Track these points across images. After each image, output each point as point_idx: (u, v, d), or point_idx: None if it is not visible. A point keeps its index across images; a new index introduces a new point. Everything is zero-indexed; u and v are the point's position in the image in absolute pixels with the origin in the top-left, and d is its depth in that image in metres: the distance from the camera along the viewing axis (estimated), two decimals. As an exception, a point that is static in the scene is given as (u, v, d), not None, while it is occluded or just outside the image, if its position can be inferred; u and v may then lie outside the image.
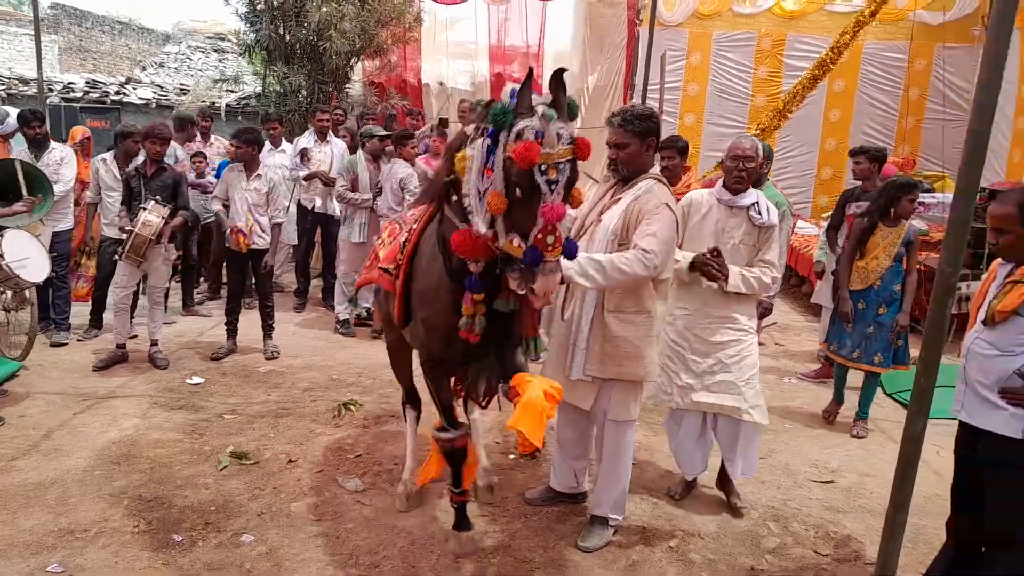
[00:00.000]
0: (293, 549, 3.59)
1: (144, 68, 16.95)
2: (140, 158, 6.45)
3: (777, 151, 9.91)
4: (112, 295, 6.13)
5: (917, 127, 11.48)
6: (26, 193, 5.91)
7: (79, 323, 6.83)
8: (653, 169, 3.63)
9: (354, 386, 5.77)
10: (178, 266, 7.33)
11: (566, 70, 2.81)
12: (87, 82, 12.61)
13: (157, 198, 5.81)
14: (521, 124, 2.65)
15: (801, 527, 3.97)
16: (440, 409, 3.48)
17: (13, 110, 6.76)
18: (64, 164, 6.49)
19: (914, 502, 4.15)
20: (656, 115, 3.61)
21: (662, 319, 3.61)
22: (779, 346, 7.24)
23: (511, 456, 4.67)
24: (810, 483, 4.48)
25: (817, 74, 9.81)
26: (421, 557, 3.56)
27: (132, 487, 4.08)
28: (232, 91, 12.54)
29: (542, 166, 2.60)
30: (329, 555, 3.55)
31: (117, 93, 12.22)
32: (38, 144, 6.44)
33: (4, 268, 5.27)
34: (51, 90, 11.39)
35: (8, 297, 5.82)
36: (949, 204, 3.17)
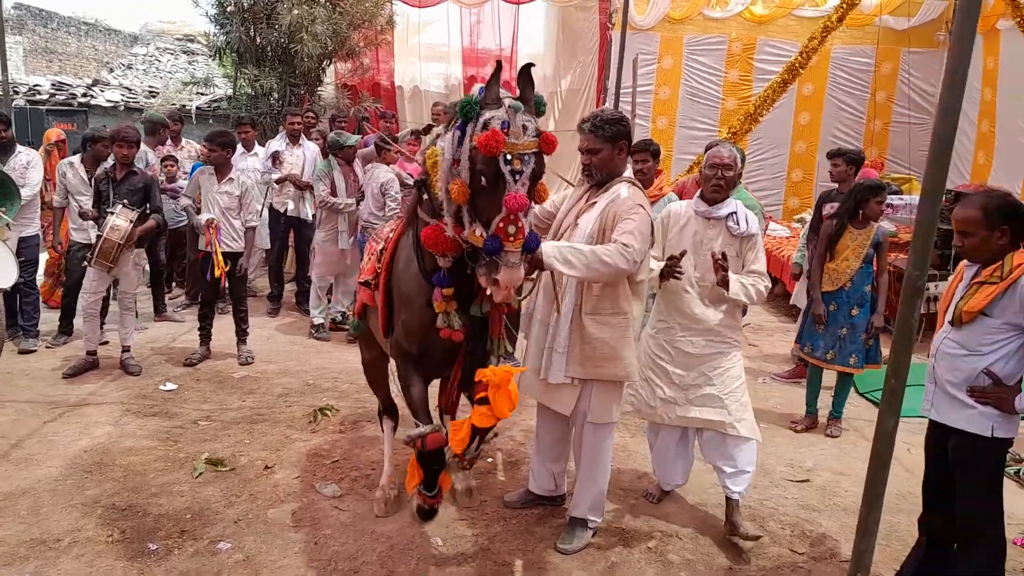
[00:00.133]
0: (271, 556, 3.56)
1: (112, 70, 16.69)
2: (110, 162, 6.38)
3: (748, 154, 10.03)
4: (81, 301, 6.04)
5: (885, 130, 11.67)
6: None
7: (47, 329, 6.73)
8: (626, 172, 3.66)
9: (330, 391, 5.74)
10: (146, 270, 7.24)
11: (533, 65, 2.86)
12: (53, 84, 12.41)
13: (125, 202, 5.74)
14: (488, 114, 2.70)
15: (777, 526, 4.02)
16: (413, 405, 3.39)
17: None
18: (31, 168, 6.39)
19: (887, 500, 4.22)
20: (627, 119, 3.64)
21: (639, 320, 3.63)
22: (753, 347, 7.31)
23: (489, 460, 4.68)
24: (786, 482, 4.54)
25: (787, 78, 9.95)
26: (400, 562, 3.55)
27: (105, 496, 4.03)
28: (203, 94, 12.40)
29: (507, 155, 2.64)
30: (307, 562, 3.53)
31: (84, 95, 12.05)
32: (4, 148, 6.33)
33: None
34: (16, 92, 11.19)
35: None
36: (916, 206, 3.24)
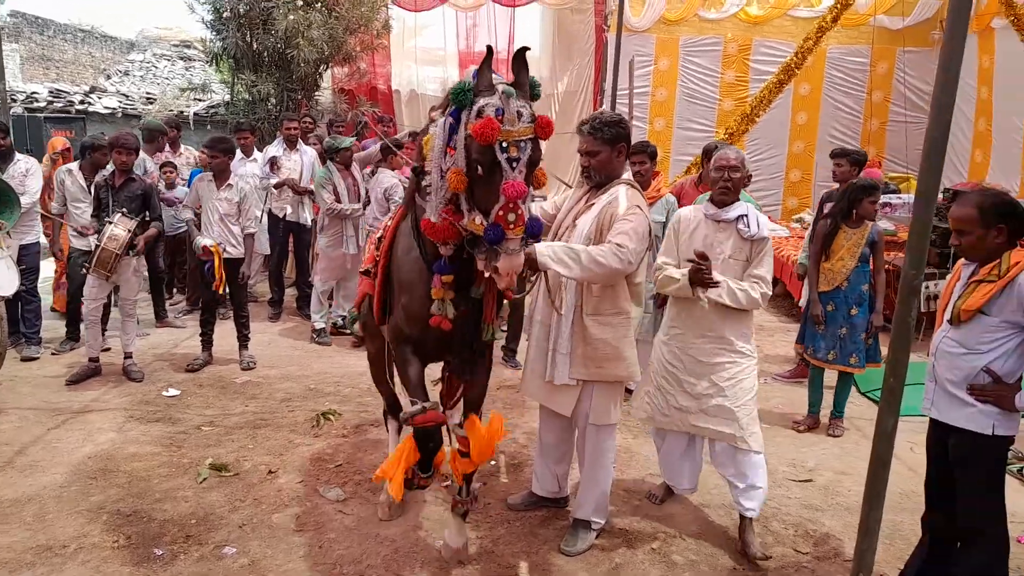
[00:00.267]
0: (276, 560, 3.58)
1: (109, 77, 16.71)
2: (108, 169, 6.39)
3: (746, 154, 10.03)
4: (83, 308, 6.05)
5: (882, 129, 11.72)
6: None
7: (51, 336, 6.75)
8: (625, 174, 3.68)
9: (332, 395, 5.76)
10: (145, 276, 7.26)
11: (528, 48, 2.85)
12: (51, 91, 12.44)
13: (124, 211, 5.75)
14: (482, 102, 2.70)
15: (781, 526, 4.03)
16: (408, 383, 3.42)
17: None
18: (30, 175, 6.38)
19: (890, 499, 4.25)
20: (625, 121, 3.67)
21: (636, 321, 3.65)
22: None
23: (492, 462, 4.70)
24: (788, 482, 4.56)
25: (783, 78, 9.99)
26: (404, 565, 3.56)
27: (110, 502, 4.05)
28: (200, 100, 12.42)
29: (503, 143, 2.64)
30: (312, 565, 3.54)
31: (82, 102, 12.07)
32: (2, 156, 6.31)
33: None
34: (14, 100, 11.22)
35: None
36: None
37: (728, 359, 3.69)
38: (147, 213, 5.93)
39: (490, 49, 2.79)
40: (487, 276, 2.86)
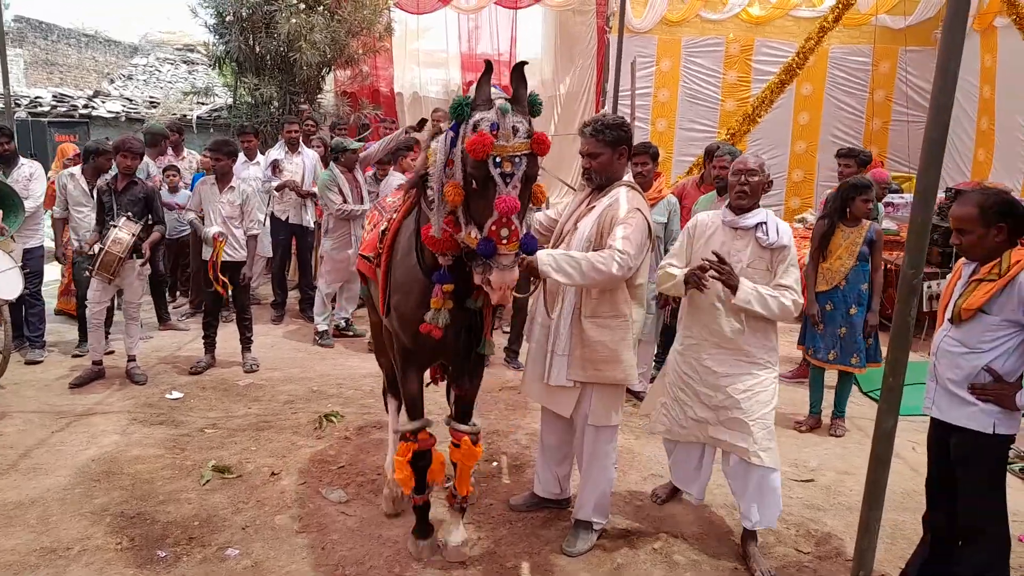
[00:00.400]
0: (279, 562, 3.59)
1: (112, 81, 16.78)
2: (111, 172, 6.42)
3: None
4: (87, 311, 6.07)
5: (884, 129, 11.70)
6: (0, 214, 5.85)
7: (55, 340, 6.78)
8: (626, 177, 3.69)
9: (335, 397, 5.77)
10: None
11: (526, 63, 2.88)
12: (54, 96, 12.48)
13: (128, 214, 5.78)
14: (477, 116, 2.73)
15: (783, 526, 4.02)
16: (407, 400, 3.54)
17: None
18: (34, 179, 6.42)
19: (892, 498, 4.26)
20: (627, 124, 3.67)
21: (639, 324, 3.64)
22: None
23: (494, 463, 4.70)
24: (791, 482, 4.55)
25: (784, 79, 10.00)
26: (407, 566, 3.57)
27: (114, 504, 4.06)
28: (203, 103, 12.47)
29: (496, 158, 2.67)
30: (315, 567, 3.55)
31: (85, 107, 12.12)
32: (7, 160, 6.35)
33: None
34: (18, 105, 11.26)
35: None
36: None
37: (744, 370, 3.57)
38: (149, 217, 5.95)
39: (489, 64, 2.81)
40: (482, 285, 2.89)
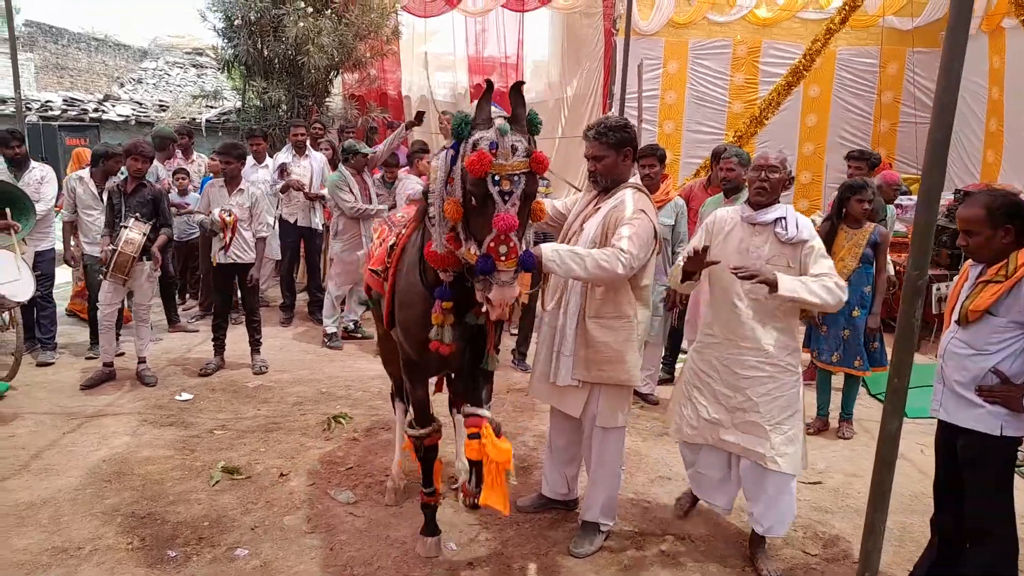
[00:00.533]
0: (287, 562, 3.61)
1: (122, 85, 16.88)
2: (121, 175, 6.46)
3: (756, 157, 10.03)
4: (98, 313, 6.11)
5: (892, 130, 11.65)
6: (9, 214, 5.90)
7: (66, 342, 6.82)
8: (632, 179, 3.69)
9: (343, 399, 5.79)
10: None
11: (523, 83, 2.93)
12: (65, 100, 12.54)
13: (137, 215, 5.82)
14: (477, 135, 2.78)
15: (790, 528, 4.02)
16: (414, 407, 3.63)
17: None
18: (45, 183, 6.46)
19: (900, 501, 4.27)
20: (631, 126, 3.68)
21: (644, 325, 3.64)
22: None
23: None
24: (798, 484, 4.52)
25: (791, 81, 9.97)
26: (415, 567, 3.59)
27: (124, 504, 4.09)
28: (212, 107, 12.50)
29: (495, 176, 2.71)
30: (323, 567, 3.57)
31: (96, 110, 12.16)
32: (18, 164, 6.40)
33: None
34: (29, 109, 11.33)
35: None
36: None
37: (766, 373, 3.49)
38: (156, 219, 5.99)
39: (490, 84, 2.86)
40: (484, 309, 2.92)
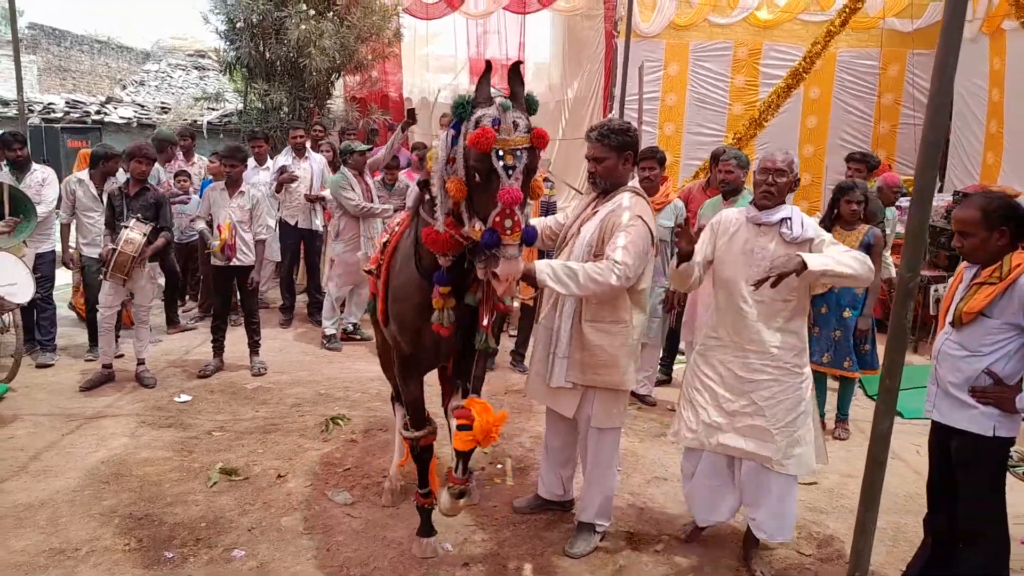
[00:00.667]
0: (284, 563, 3.63)
1: (124, 87, 16.91)
2: (119, 176, 6.49)
3: (755, 159, 10.02)
4: (97, 315, 6.12)
5: (892, 132, 11.65)
6: (7, 211, 5.92)
7: (66, 343, 6.85)
8: (632, 182, 3.70)
9: (342, 400, 5.81)
10: (160, 284, 7.35)
11: (522, 63, 2.97)
12: (67, 102, 12.59)
13: (139, 216, 5.84)
14: (479, 113, 2.82)
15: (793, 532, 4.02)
16: (409, 408, 3.62)
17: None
18: (46, 185, 6.48)
19: (895, 501, 4.28)
20: (633, 129, 3.69)
21: (639, 329, 3.65)
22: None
23: (499, 466, 4.73)
24: (793, 485, 4.55)
25: (791, 83, 9.97)
26: (411, 567, 3.60)
27: (122, 505, 4.11)
28: (213, 109, 12.54)
29: (499, 151, 2.74)
30: (320, 568, 3.59)
31: (98, 113, 12.21)
32: (20, 166, 6.42)
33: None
34: (31, 111, 11.37)
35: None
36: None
37: (771, 376, 3.43)
38: (157, 222, 6.00)
39: (489, 64, 2.90)
40: (483, 284, 2.96)
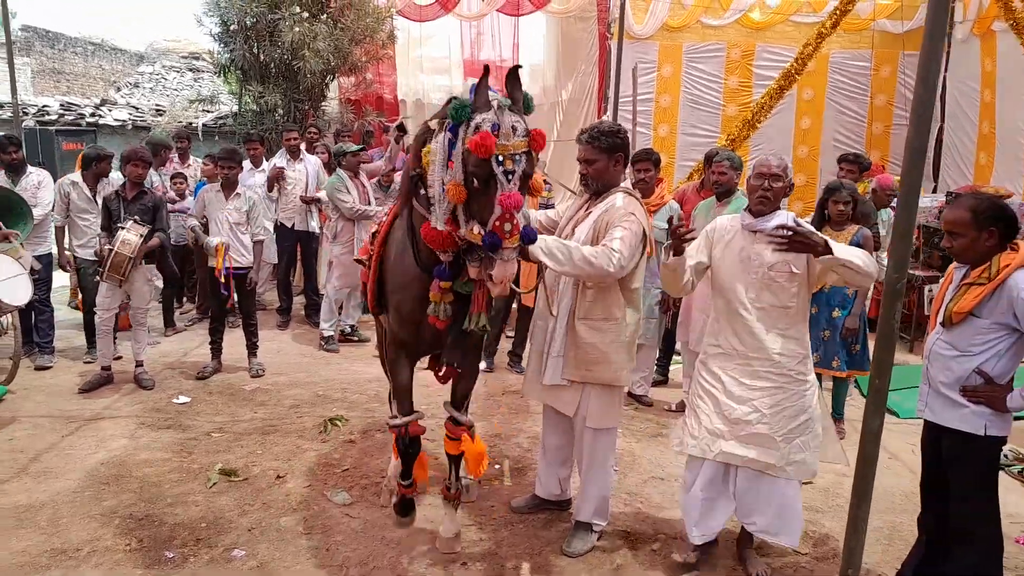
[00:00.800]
0: (284, 563, 3.66)
1: (119, 89, 16.89)
2: (115, 179, 6.50)
3: (750, 160, 10.08)
4: (96, 317, 6.13)
5: (886, 133, 11.71)
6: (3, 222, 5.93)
7: (64, 346, 6.86)
8: (624, 183, 3.75)
9: (340, 401, 5.83)
10: (157, 286, 7.36)
11: (520, 67, 3.01)
12: (62, 105, 12.57)
13: (136, 218, 5.85)
14: (479, 118, 2.84)
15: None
16: (398, 394, 3.67)
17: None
18: (42, 187, 6.49)
19: (891, 500, 4.33)
20: (624, 131, 3.73)
21: (632, 327, 3.68)
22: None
23: (496, 466, 4.76)
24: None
25: (783, 84, 10.03)
26: (409, 567, 3.63)
27: (123, 506, 4.13)
28: (208, 111, 12.53)
29: (499, 156, 2.78)
30: (319, 567, 3.62)
31: (92, 115, 12.18)
32: (15, 169, 6.42)
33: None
34: (26, 114, 11.35)
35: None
36: (920, 208, 3.20)
37: (774, 383, 3.37)
38: (155, 224, 6.02)
39: (487, 68, 2.92)
40: (479, 279, 3.01)
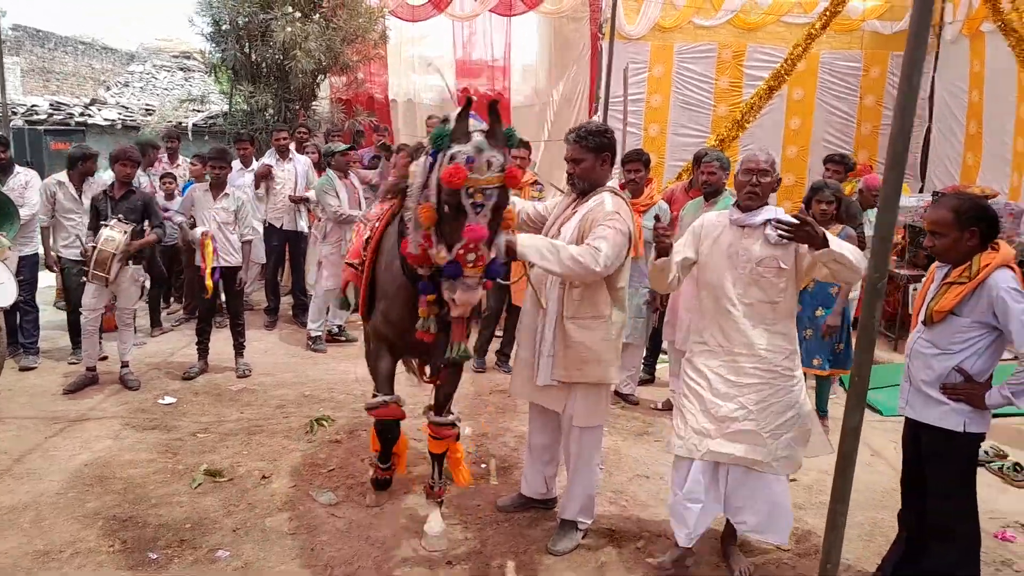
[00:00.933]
0: (269, 563, 3.65)
1: (109, 88, 16.83)
2: (104, 177, 6.47)
3: (737, 161, 10.08)
4: (81, 318, 6.10)
5: (874, 133, 11.75)
6: None
7: (49, 347, 6.83)
8: (610, 182, 3.76)
9: (326, 402, 5.82)
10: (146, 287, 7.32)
11: (500, 100, 3.02)
12: (51, 104, 12.53)
13: (120, 216, 5.82)
14: (455, 149, 2.89)
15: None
16: (378, 374, 3.76)
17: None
18: (29, 188, 6.44)
19: (873, 496, 4.35)
20: (611, 131, 3.74)
21: (619, 325, 3.70)
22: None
23: (483, 466, 4.76)
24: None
25: (772, 84, 10.06)
26: (395, 567, 3.63)
27: (106, 508, 4.11)
28: (199, 111, 12.50)
29: (469, 189, 2.83)
30: (304, 567, 3.61)
31: (82, 115, 12.13)
32: (3, 169, 6.37)
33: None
34: (14, 113, 11.31)
35: None
36: (907, 208, 3.20)
37: (761, 380, 3.35)
38: (150, 221, 6.02)
39: (469, 100, 2.94)
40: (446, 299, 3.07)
